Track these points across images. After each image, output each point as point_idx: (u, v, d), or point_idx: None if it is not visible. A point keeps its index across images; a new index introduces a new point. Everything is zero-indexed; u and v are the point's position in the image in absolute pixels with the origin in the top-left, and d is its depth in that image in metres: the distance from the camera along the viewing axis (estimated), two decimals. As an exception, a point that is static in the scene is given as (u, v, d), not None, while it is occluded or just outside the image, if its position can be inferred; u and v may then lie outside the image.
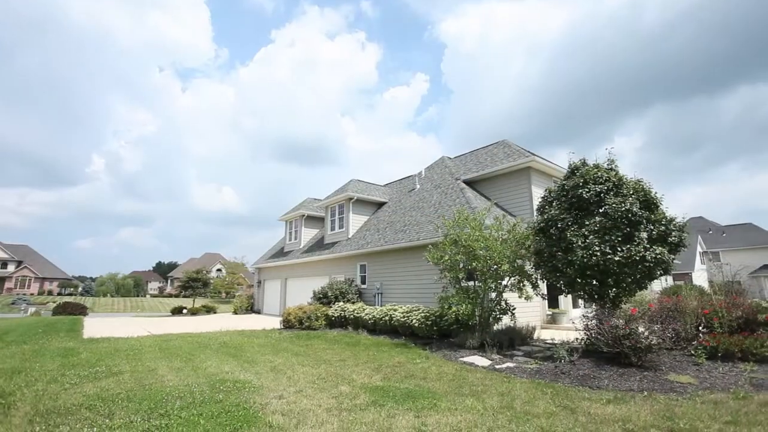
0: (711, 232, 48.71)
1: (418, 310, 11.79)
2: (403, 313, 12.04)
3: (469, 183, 16.82)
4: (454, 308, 9.71)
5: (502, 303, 9.97)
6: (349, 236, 19.03)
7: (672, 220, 8.29)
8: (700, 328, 8.72)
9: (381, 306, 14.11)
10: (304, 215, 23.58)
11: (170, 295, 61.78)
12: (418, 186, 19.41)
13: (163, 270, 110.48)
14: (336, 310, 14.73)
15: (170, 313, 27.66)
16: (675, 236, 8.17)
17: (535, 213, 10.13)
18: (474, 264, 9.61)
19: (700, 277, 37.20)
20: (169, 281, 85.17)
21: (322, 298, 16.26)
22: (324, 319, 14.93)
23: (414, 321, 11.39)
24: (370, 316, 13.16)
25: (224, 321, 19.71)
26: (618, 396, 5.66)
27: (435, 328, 10.91)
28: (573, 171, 9.31)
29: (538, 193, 13.84)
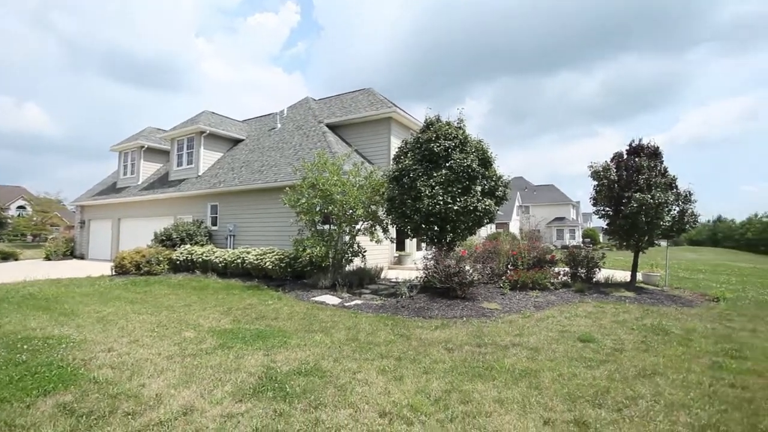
0: (526, 189, 59.42)
1: (273, 252, 11.67)
2: (256, 255, 11.76)
3: (332, 127, 16.69)
4: (308, 250, 9.90)
5: (355, 246, 10.55)
6: (200, 174, 17.26)
7: (500, 177, 9.75)
8: (509, 266, 10.80)
9: (233, 248, 13.49)
10: (143, 146, 20.31)
11: (-56, 237, 47.46)
12: (279, 125, 18.43)
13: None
14: (182, 253, 13.53)
15: (-55, 259, 21.45)
16: (501, 191, 9.68)
17: (391, 162, 10.72)
18: (330, 208, 9.82)
19: (515, 225, 45.51)
20: (-59, 218, 65.07)
21: (166, 240, 14.69)
22: (167, 263, 13.60)
23: (268, 263, 11.26)
24: (221, 259, 12.51)
25: (31, 269, 16.27)
26: (444, 323, 6.71)
27: (289, 269, 11.01)
28: (428, 126, 10.02)
29: (396, 144, 14.60)
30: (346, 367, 4.60)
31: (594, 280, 10.50)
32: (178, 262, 13.50)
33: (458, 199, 8.87)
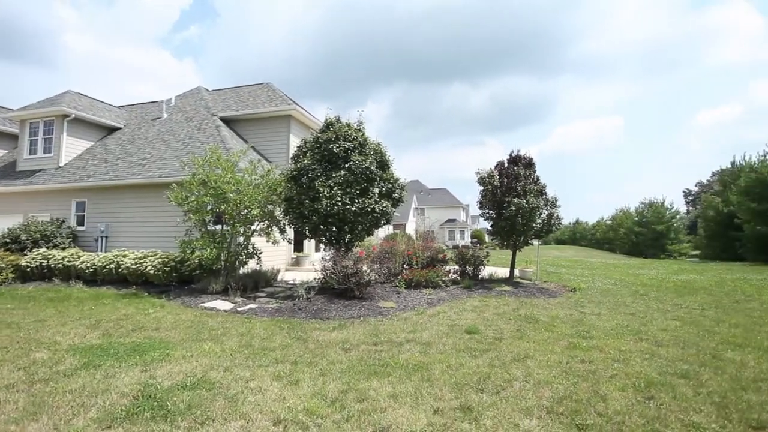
0: (422, 192, 62.83)
1: (155, 255, 10.50)
2: (135, 259, 10.45)
3: (227, 121, 15.65)
4: (198, 252, 9.12)
5: (250, 247, 10.04)
6: (62, 164, 14.74)
7: (397, 180, 10.13)
8: (404, 265, 11.28)
9: (106, 252, 11.80)
10: (-22, 128, 16.61)
11: None
12: (165, 115, 16.66)
13: None
14: (34, 258, 11.39)
15: None
16: (398, 193, 10.06)
17: (290, 161, 10.45)
18: (223, 207, 9.20)
19: (411, 227, 47.75)
20: None
21: (12, 243, 12.23)
22: (12, 270, 11.32)
23: (149, 267, 10.09)
24: (89, 264, 10.84)
25: None
26: (342, 323, 6.74)
27: (175, 274, 10.02)
28: (328, 126, 9.98)
29: (295, 142, 14.25)
30: (238, 375, 4.34)
31: (480, 276, 11.53)
32: (29, 270, 11.34)
33: (356, 201, 9.00)
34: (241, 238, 9.96)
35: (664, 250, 42.09)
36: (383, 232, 27.00)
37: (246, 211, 9.39)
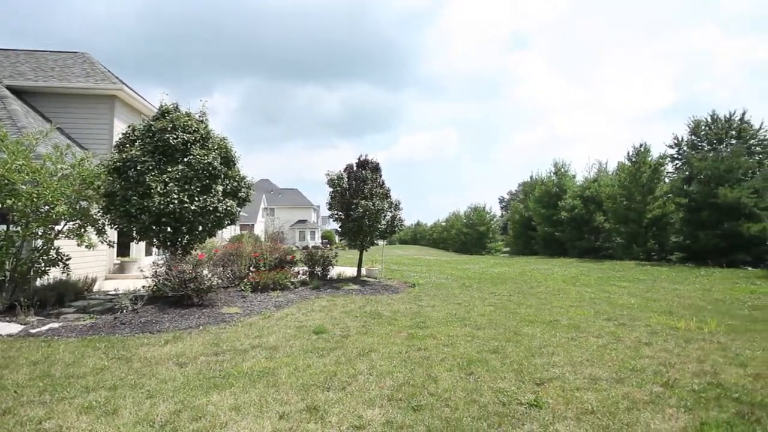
0: (272, 192, 60.87)
1: None
2: None
3: (20, 92, 12.37)
4: (-34, 262, 6.94)
5: (53, 252, 8.11)
6: None
7: (244, 178, 9.55)
8: (251, 268, 10.72)
9: None
10: None
11: None
12: None
13: None
14: None
15: None
16: (244, 192, 9.49)
17: (113, 150, 8.86)
18: (11, 202, 7.19)
19: (260, 227, 45.73)
20: None
21: None
22: None
23: None
24: None
25: None
26: (177, 335, 6.01)
27: (-75, 292, 7.41)
28: (164, 114, 8.82)
29: (121, 128, 12.16)
30: (26, 417, 3.45)
31: (329, 276, 11.74)
32: None
33: (197, 199, 8.16)
34: (39, 242, 7.98)
35: (485, 248, 49.86)
36: (229, 233, 25.15)
37: (48, 207, 7.56)
